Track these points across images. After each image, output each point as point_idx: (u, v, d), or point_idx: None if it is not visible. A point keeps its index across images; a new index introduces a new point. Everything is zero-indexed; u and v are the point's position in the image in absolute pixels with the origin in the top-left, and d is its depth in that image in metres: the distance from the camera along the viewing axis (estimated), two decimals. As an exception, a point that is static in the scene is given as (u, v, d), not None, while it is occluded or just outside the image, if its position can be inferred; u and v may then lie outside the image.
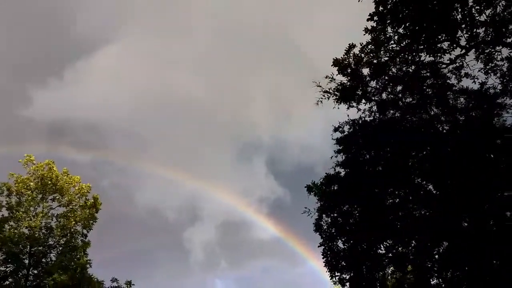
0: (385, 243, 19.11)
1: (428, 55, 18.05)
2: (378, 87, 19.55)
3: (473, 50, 17.36)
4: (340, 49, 19.34)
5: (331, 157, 20.37)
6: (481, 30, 16.71)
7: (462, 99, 18.36)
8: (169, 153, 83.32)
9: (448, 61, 18.04)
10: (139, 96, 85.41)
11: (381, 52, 18.71)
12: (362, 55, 19.13)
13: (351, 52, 19.30)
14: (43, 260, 32.01)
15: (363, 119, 19.89)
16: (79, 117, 78.63)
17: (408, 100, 19.23)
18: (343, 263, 19.63)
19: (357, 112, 19.97)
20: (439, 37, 17.41)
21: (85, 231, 32.99)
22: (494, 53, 17.13)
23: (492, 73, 17.45)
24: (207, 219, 79.27)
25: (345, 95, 19.69)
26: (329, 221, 20.19)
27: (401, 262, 18.85)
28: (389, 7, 17.31)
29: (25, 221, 31.63)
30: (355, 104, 19.88)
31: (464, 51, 17.57)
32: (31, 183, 32.60)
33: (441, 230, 17.19)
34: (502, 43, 16.55)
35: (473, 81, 18.11)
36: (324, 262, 19.93)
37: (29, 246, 31.50)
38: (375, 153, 19.70)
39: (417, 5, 16.88)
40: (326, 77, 19.70)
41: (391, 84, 19.36)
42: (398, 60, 18.76)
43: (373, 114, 19.86)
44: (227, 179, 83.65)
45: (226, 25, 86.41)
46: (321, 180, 20.62)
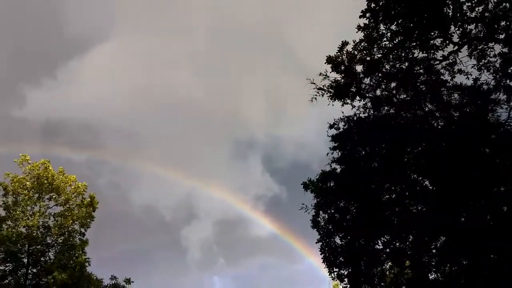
0: (382, 238, 19.16)
1: (421, 52, 18.09)
2: (372, 84, 19.49)
3: (466, 47, 17.39)
4: (335, 47, 19.34)
5: (327, 154, 20.28)
6: (473, 26, 16.77)
7: (456, 95, 18.34)
8: (165, 152, 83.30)
9: (441, 58, 18.06)
10: (134, 95, 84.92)
11: (374, 49, 18.72)
12: (355, 52, 19.08)
13: (344, 50, 19.21)
14: (42, 258, 32.33)
15: (357, 115, 19.85)
16: (73, 116, 78.43)
17: (402, 97, 19.18)
18: (341, 259, 19.73)
19: (352, 109, 19.93)
20: (432, 33, 17.46)
21: (82, 229, 33.29)
22: (487, 49, 17.17)
23: (485, 69, 17.47)
24: (204, 217, 79.71)
25: (339, 92, 19.65)
26: (326, 217, 20.20)
27: (398, 257, 18.99)
28: (381, 3, 17.31)
29: (22, 220, 31.85)
30: (349, 101, 19.82)
31: (456, 47, 17.64)
32: (27, 182, 32.74)
33: (438, 225, 17.32)
34: (495, 39, 16.60)
35: (466, 77, 18.14)
36: (322, 258, 20.03)
37: (27, 245, 31.81)
38: (371, 150, 19.69)
39: (409, 1, 16.87)
40: (320, 74, 19.60)
41: (385, 81, 19.32)
42: (391, 57, 18.78)
43: (367, 110, 19.81)
44: (223, 177, 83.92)
45: (226, 25, 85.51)
46: (317, 177, 20.53)
